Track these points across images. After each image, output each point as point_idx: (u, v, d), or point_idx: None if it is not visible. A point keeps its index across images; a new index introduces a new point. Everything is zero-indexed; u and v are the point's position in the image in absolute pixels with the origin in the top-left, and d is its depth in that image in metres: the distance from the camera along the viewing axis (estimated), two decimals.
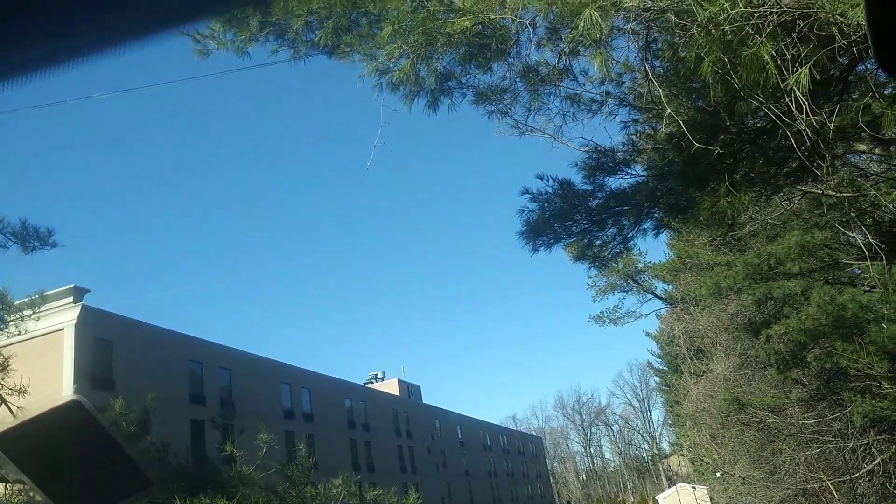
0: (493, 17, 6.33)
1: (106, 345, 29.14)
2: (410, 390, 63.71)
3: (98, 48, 1.09)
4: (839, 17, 5.00)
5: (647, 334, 50.96)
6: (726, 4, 5.09)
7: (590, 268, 10.97)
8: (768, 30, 5.26)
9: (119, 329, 30.23)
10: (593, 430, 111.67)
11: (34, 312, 12.54)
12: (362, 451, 48.14)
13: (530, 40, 6.79)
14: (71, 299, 28.57)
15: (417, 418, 59.50)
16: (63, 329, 27.85)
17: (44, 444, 1.65)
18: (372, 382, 61.92)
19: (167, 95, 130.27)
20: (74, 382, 26.21)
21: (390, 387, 60.86)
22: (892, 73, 2.54)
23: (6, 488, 10.20)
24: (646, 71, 6.93)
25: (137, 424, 10.77)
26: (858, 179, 10.04)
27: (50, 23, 1.03)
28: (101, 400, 10.66)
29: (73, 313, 28.27)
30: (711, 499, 46.14)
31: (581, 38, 5.98)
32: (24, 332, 12.70)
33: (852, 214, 10.40)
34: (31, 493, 10.00)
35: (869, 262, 9.98)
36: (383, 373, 64.35)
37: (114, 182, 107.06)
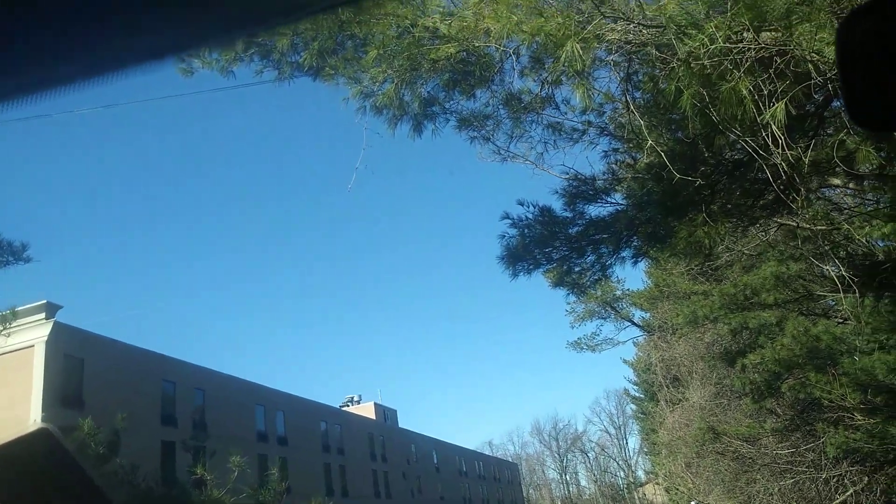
0: (477, 44, 6.41)
1: (77, 363, 28.60)
2: (386, 414, 63.18)
3: (89, 75, 1.09)
4: (815, 55, 5.13)
5: (625, 361, 51.09)
6: (706, 39, 5.20)
7: (568, 294, 11.03)
8: (746, 65, 5.38)
9: (91, 347, 29.71)
10: (569, 456, 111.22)
11: (5, 328, 12.35)
12: (337, 475, 47.50)
13: (514, 69, 6.88)
14: (43, 315, 28.08)
15: (393, 443, 58.95)
16: (34, 346, 27.32)
17: (10, 472, 1.63)
18: (348, 406, 61.31)
19: (148, 113, 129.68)
20: (44, 400, 25.67)
21: (366, 410, 60.30)
22: (862, 126, 2.62)
23: None
24: (627, 102, 7.04)
25: (106, 446, 10.57)
26: (832, 213, 10.22)
27: (41, 50, 1.03)
28: (71, 419, 10.44)
29: (45, 330, 27.76)
30: None
31: (563, 69, 6.07)
32: None
33: (826, 247, 10.56)
34: None
35: (842, 295, 10.11)
36: (359, 396, 63.81)
37: (90, 198, 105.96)
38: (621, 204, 9.16)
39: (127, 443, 11.34)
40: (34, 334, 27.39)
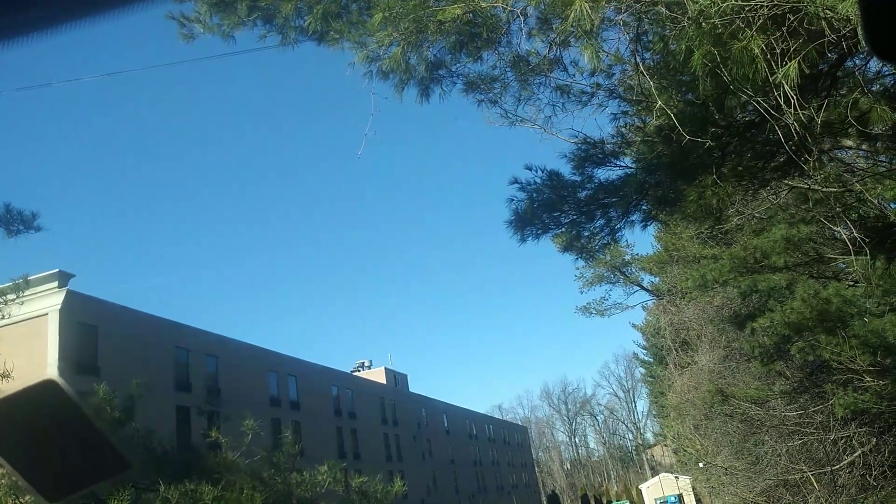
0: (484, 5, 6.30)
1: (91, 330, 28.93)
2: (397, 379, 63.82)
3: (81, 13, 1.07)
4: (829, 12, 5.01)
5: (634, 326, 51.32)
6: None
7: (577, 259, 11.01)
8: (758, 24, 5.27)
9: (104, 314, 30.02)
10: (578, 420, 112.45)
11: (18, 297, 12.44)
12: (348, 438, 48.22)
13: (521, 30, 6.77)
14: (56, 284, 28.33)
15: (404, 407, 59.64)
16: (48, 314, 27.63)
17: (18, 424, 1.63)
18: (359, 370, 61.92)
19: (155, 80, 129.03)
20: (59, 367, 26.05)
21: (377, 375, 60.91)
22: (882, 56, 2.54)
23: None
24: (636, 63, 6.93)
25: (122, 410, 10.74)
26: (845, 175, 10.10)
27: None
28: (86, 385, 10.61)
29: (58, 298, 28.04)
30: (694, 488, 46.62)
31: (572, 29, 5.96)
32: (7, 316, 12.61)
33: (838, 209, 10.47)
34: (14, 478, 9.95)
35: (853, 257, 10.06)
36: (370, 361, 64.40)
37: (101, 167, 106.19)
38: (630, 167, 9.07)
39: (142, 408, 11.51)
40: (47, 303, 27.68)
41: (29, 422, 1.63)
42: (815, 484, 19.94)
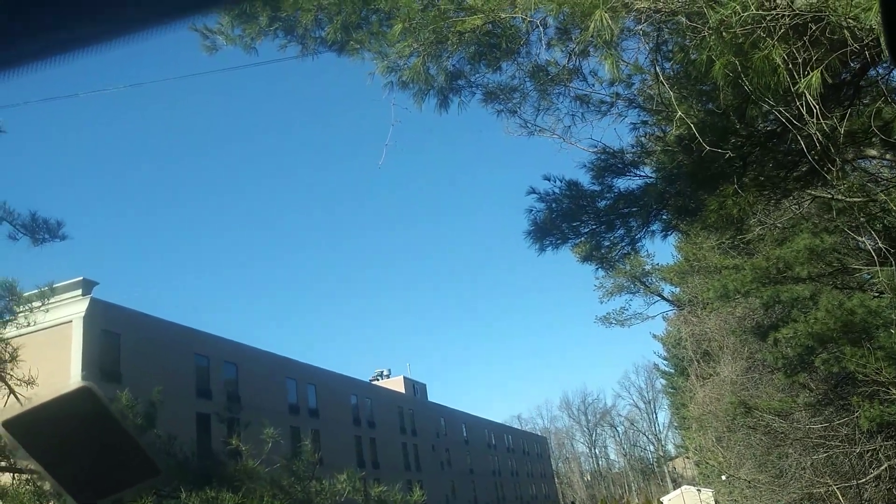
0: (503, 16, 6.32)
1: (114, 337, 29.26)
2: (416, 388, 63.75)
3: (105, 38, 1.09)
4: (851, 21, 4.97)
5: (654, 336, 50.80)
6: (738, 7, 5.07)
7: (597, 269, 10.97)
8: (780, 33, 5.24)
9: (127, 322, 30.36)
10: (598, 430, 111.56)
11: (43, 304, 12.58)
12: (367, 447, 48.19)
13: (540, 40, 6.78)
14: (80, 292, 28.71)
15: (422, 416, 59.53)
16: (71, 321, 27.98)
17: (53, 430, 1.66)
18: (378, 379, 61.94)
19: (178, 90, 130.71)
20: (83, 374, 26.32)
21: (396, 384, 60.89)
22: None
23: (14, 478, 10.29)
24: (656, 73, 6.91)
25: (144, 417, 10.83)
26: (868, 184, 9.99)
27: (58, 11, 1.04)
28: (109, 392, 10.72)
29: (82, 306, 28.40)
30: (717, 502, 45.99)
31: (591, 39, 5.96)
32: (32, 323, 12.76)
33: (862, 219, 10.34)
34: (39, 483, 10.07)
35: (878, 268, 9.93)
36: (389, 370, 64.41)
37: (124, 175, 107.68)
38: (651, 177, 9.03)
39: (164, 414, 11.60)
40: (72, 310, 28.04)
41: (65, 428, 1.67)
42: (840, 498, 19.59)
